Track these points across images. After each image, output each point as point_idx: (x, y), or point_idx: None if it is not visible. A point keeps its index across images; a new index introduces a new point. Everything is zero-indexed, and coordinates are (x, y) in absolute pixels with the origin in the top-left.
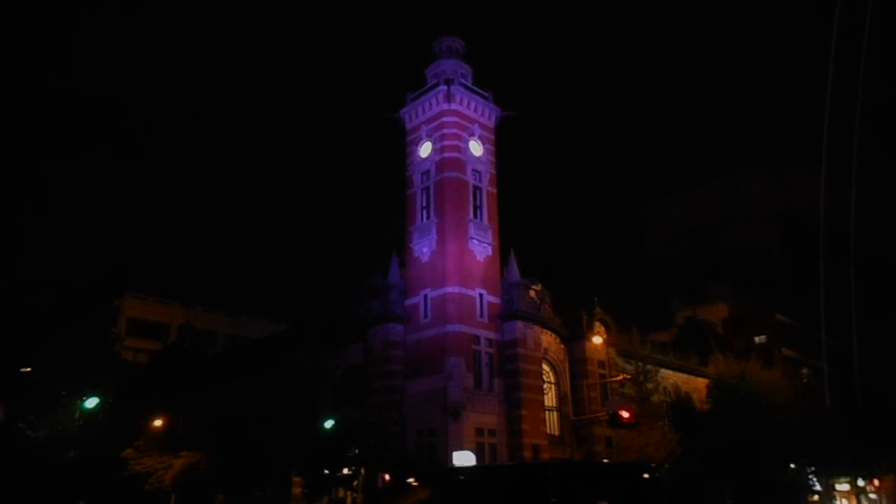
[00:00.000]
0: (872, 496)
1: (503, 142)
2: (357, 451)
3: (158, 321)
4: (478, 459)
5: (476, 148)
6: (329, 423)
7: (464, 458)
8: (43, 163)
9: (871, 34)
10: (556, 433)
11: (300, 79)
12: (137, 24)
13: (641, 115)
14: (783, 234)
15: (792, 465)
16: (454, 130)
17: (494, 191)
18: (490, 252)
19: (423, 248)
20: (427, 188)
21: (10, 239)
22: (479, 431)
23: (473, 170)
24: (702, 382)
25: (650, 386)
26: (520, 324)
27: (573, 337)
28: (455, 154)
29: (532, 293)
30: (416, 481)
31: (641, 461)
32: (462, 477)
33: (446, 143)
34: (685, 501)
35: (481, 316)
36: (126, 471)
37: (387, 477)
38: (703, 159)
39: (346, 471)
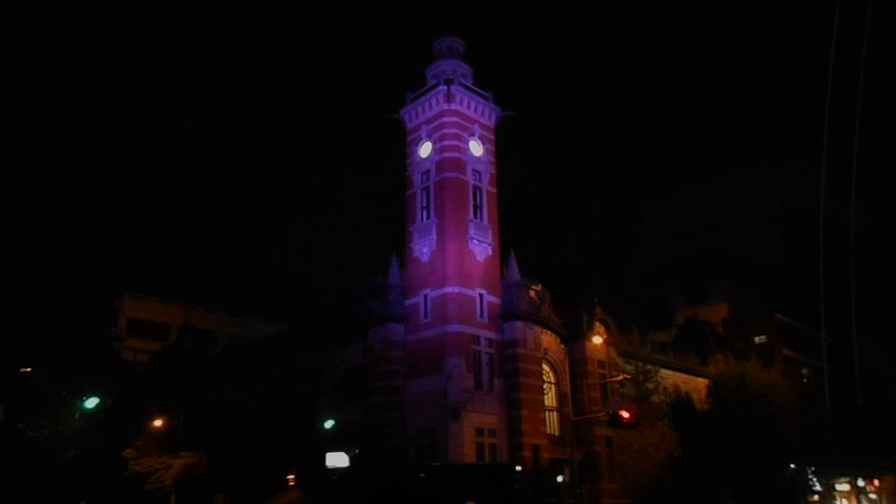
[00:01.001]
0: (872, 496)
1: (503, 142)
2: (357, 450)
3: (158, 321)
4: (478, 459)
5: (476, 148)
6: (329, 423)
7: (337, 459)
8: (42, 163)
9: (871, 34)
10: (557, 433)
11: (301, 79)
12: (138, 25)
13: (642, 116)
14: (783, 234)
15: (792, 465)
16: (454, 130)
17: (494, 191)
18: (490, 252)
19: (423, 248)
20: (427, 188)
21: (9, 238)
22: (479, 431)
23: (473, 170)
24: (702, 382)
25: (650, 386)
26: (520, 324)
27: (573, 337)
28: (455, 154)
29: (532, 293)
30: (294, 480)
31: (506, 464)
32: (335, 477)
33: (446, 143)
34: (685, 501)
35: (481, 316)
36: (126, 471)
37: None
38: (704, 159)
39: None
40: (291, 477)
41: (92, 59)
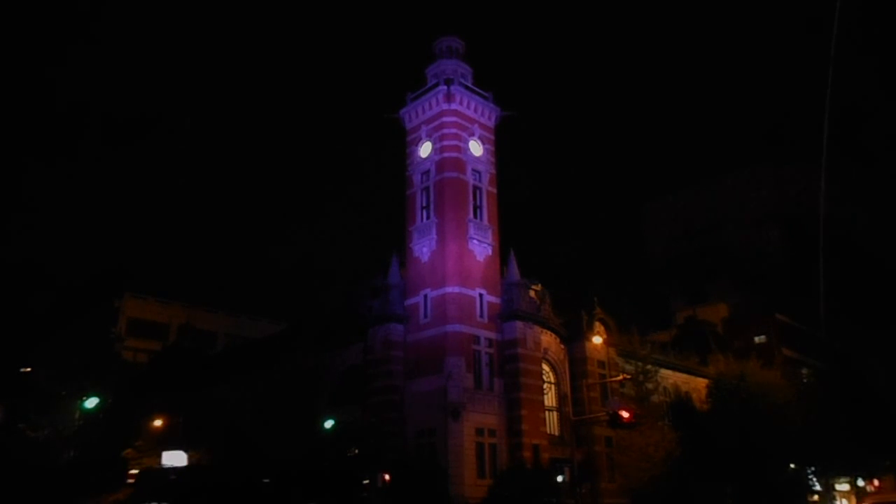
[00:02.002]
0: None
1: (503, 142)
2: (357, 451)
3: (158, 321)
4: (478, 459)
5: (476, 148)
6: (329, 423)
7: (174, 458)
8: (42, 162)
9: (871, 35)
10: (556, 433)
11: (301, 79)
12: (138, 24)
13: (642, 116)
14: (783, 234)
15: (792, 465)
16: (454, 130)
17: (494, 191)
18: (490, 252)
19: (423, 248)
20: (427, 188)
21: (9, 238)
22: (479, 431)
23: (473, 170)
24: (702, 382)
25: (650, 386)
26: (520, 324)
27: (573, 337)
28: (455, 154)
29: (532, 293)
30: (134, 478)
31: (351, 468)
32: (173, 477)
33: (446, 143)
34: (685, 501)
35: (481, 316)
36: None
37: (387, 477)
38: (704, 159)
39: None
40: (134, 472)
41: (92, 60)
